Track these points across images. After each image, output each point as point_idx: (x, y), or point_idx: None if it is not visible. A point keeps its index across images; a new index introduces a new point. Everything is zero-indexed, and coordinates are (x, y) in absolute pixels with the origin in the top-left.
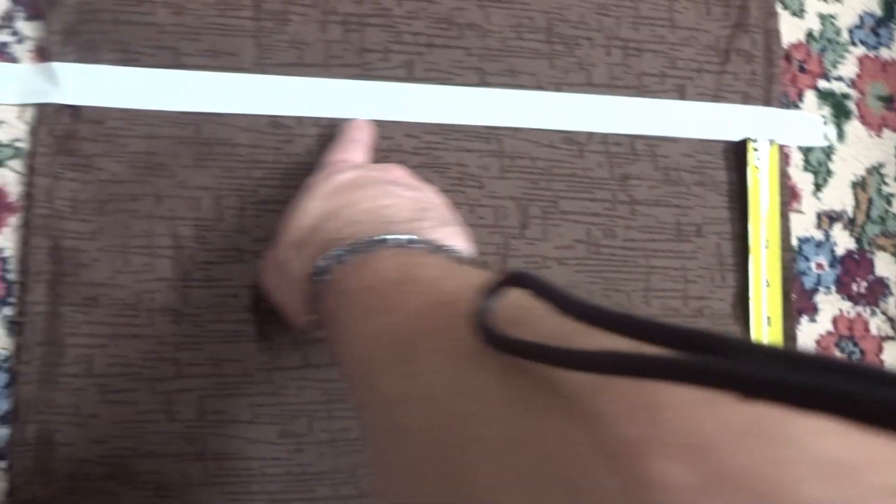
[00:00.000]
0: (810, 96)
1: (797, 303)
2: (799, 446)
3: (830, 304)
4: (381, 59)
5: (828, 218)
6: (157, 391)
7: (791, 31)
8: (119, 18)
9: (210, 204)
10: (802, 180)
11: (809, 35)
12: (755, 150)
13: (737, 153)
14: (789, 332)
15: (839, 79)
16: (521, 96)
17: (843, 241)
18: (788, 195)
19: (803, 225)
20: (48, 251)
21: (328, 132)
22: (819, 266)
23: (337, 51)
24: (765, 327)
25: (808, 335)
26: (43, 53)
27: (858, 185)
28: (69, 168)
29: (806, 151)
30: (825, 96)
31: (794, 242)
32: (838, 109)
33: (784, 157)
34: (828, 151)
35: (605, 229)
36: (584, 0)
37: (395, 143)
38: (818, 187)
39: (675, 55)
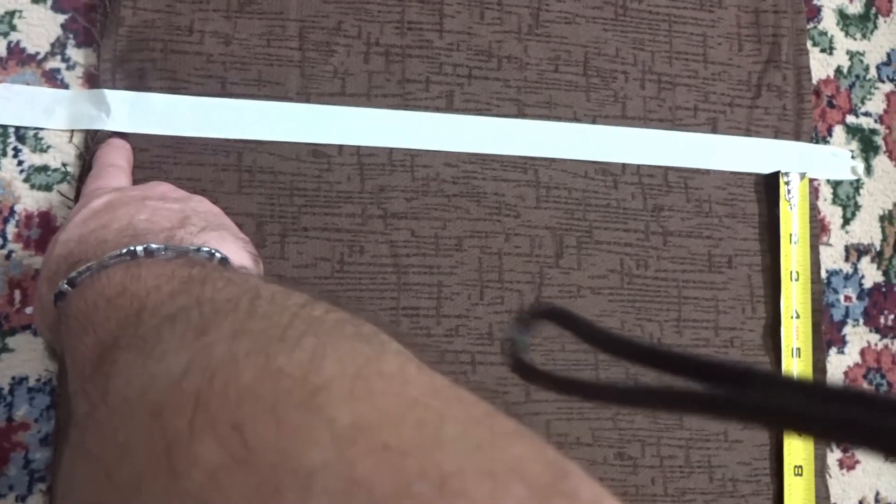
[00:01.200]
0: (839, 131)
1: (826, 334)
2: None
3: (858, 336)
4: (421, 89)
5: (856, 251)
6: None
7: (821, 67)
8: (169, 47)
9: (252, 230)
10: (831, 213)
11: (838, 71)
12: (786, 183)
13: (767, 186)
14: (819, 364)
15: (867, 114)
16: (557, 128)
17: (871, 273)
18: (818, 228)
19: (832, 258)
20: None
21: (368, 161)
22: (847, 298)
23: (379, 81)
24: (794, 358)
25: (837, 367)
26: (93, 80)
27: (886, 219)
28: None
29: (835, 185)
30: (853, 131)
31: (823, 275)
32: (866, 144)
33: (813, 191)
34: (856, 185)
35: (638, 259)
36: (620, 34)
37: (433, 171)
38: (847, 221)
39: (707, 89)
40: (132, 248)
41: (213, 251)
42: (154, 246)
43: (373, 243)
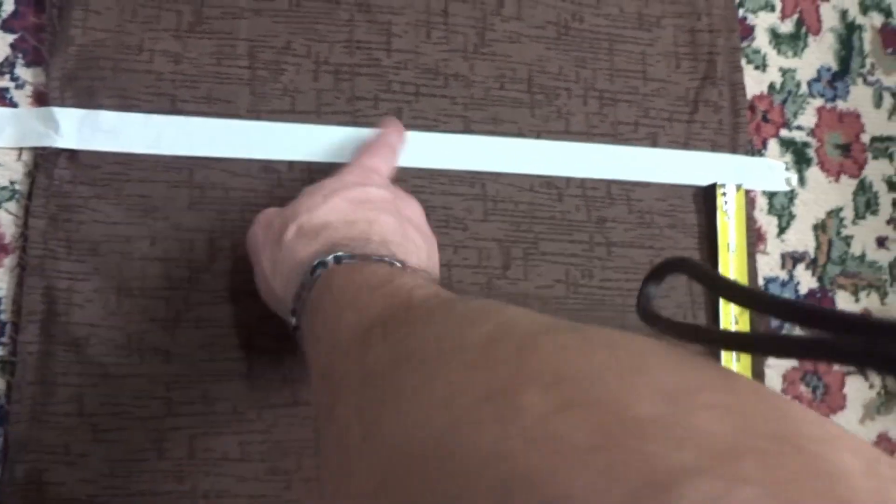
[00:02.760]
0: (773, 144)
1: None
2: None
3: None
4: (370, 106)
5: (791, 259)
6: (147, 430)
7: (755, 83)
8: (118, 66)
9: (203, 246)
10: (767, 223)
11: (771, 87)
12: (723, 194)
13: (706, 198)
14: (757, 368)
15: (799, 128)
16: (503, 143)
17: (806, 280)
18: (754, 237)
19: (769, 265)
20: (42, 291)
21: (319, 177)
22: None
23: (328, 99)
24: (734, 364)
25: (777, 370)
26: (42, 99)
27: (819, 228)
28: (64, 210)
29: (770, 196)
30: (787, 144)
31: (761, 282)
32: (799, 157)
33: (750, 202)
34: (790, 196)
35: (583, 269)
36: (563, 53)
37: None
38: (782, 230)
39: (647, 105)
40: (394, 260)
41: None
42: (410, 266)
43: None
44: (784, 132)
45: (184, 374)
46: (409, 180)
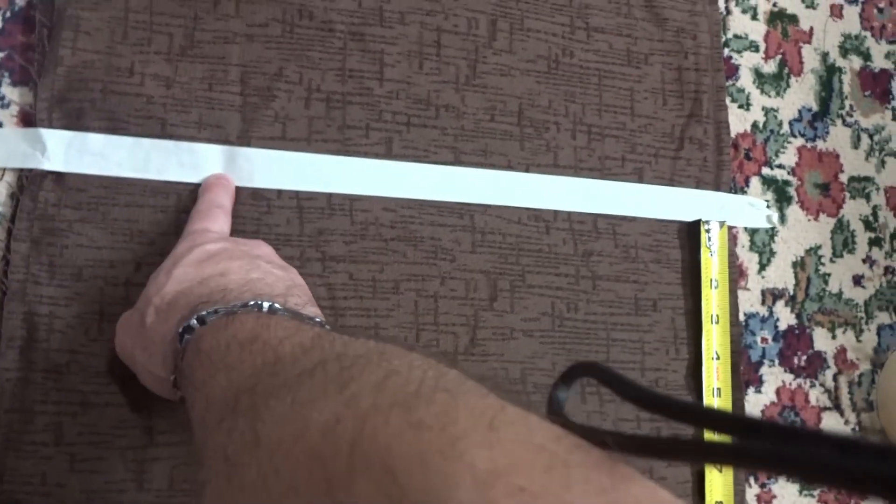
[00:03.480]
0: (755, 182)
1: (744, 374)
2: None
3: (774, 377)
4: (361, 135)
5: (771, 295)
6: (127, 460)
7: (738, 122)
8: (108, 88)
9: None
10: (749, 259)
11: (755, 126)
12: (706, 231)
13: (690, 233)
14: (738, 403)
15: (781, 167)
16: (492, 175)
17: (786, 316)
18: (736, 273)
19: (749, 301)
20: (22, 317)
21: (307, 204)
22: (764, 340)
23: (319, 126)
24: (715, 398)
25: (755, 405)
26: (28, 119)
27: (798, 265)
28: (48, 233)
29: (752, 233)
30: (768, 182)
31: (742, 317)
32: (780, 195)
33: (732, 238)
34: (771, 233)
35: (569, 302)
36: (553, 87)
37: (372, 216)
38: (763, 266)
39: (634, 141)
40: (259, 303)
41: (323, 322)
42: (277, 306)
43: (311, 286)
44: (766, 170)
45: (165, 402)
46: (398, 210)
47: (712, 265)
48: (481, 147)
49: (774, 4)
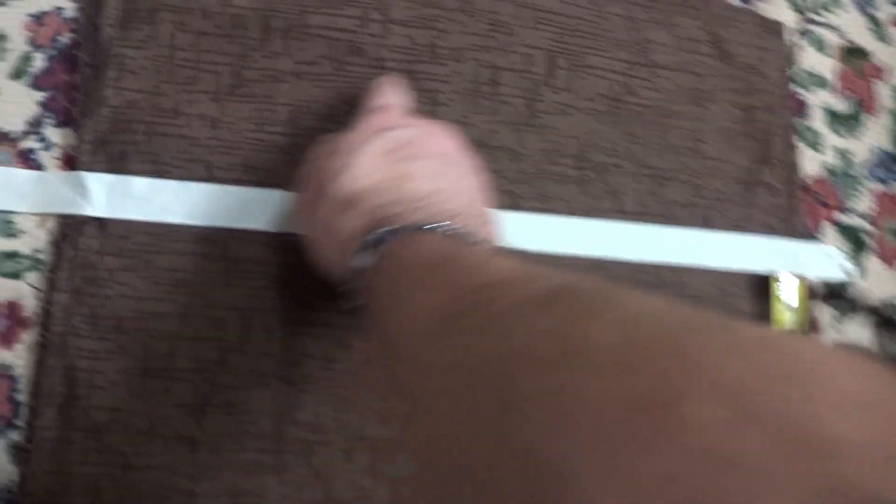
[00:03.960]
0: (828, 229)
1: None
2: (827, 385)
3: None
4: None
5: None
6: None
7: (810, 164)
8: (152, 129)
9: (235, 324)
10: (823, 312)
11: (827, 168)
12: (778, 281)
13: (761, 285)
14: None
15: (857, 213)
16: (551, 221)
17: None
18: (810, 326)
19: None
20: (62, 372)
21: None
22: None
23: None
24: None
25: None
26: (71, 161)
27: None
28: (90, 283)
29: (826, 283)
30: (844, 230)
31: None
32: (856, 243)
33: (805, 290)
34: (847, 284)
35: None
36: (614, 127)
37: None
38: (839, 320)
39: (701, 185)
40: (458, 227)
41: (493, 244)
42: (461, 228)
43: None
44: (840, 216)
45: (210, 465)
46: None
47: (785, 318)
48: (540, 191)
49: (846, 39)
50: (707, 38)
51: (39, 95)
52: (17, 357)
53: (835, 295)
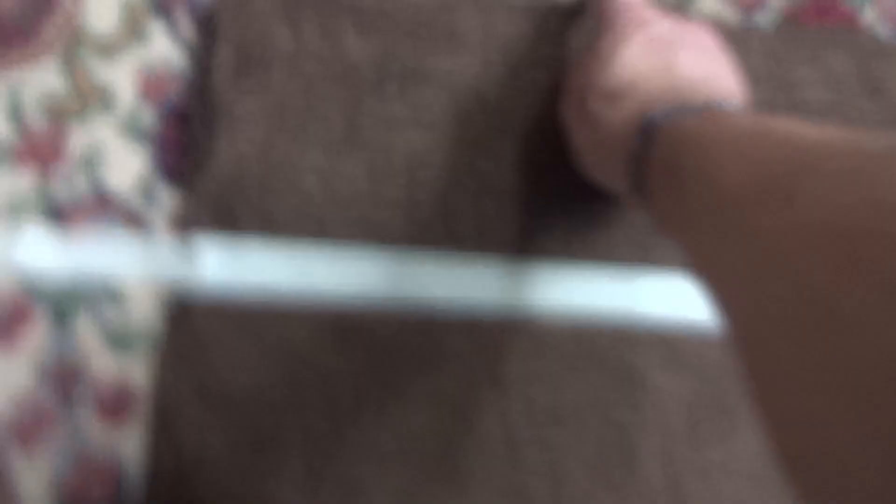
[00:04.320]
0: None
1: None
2: None
3: None
4: (529, 241)
5: None
6: None
7: None
8: (264, 185)
9: (349, 396)
10: None
11: None
12: None
13: None
14: None
15: None
16: None
17: None
18: None
19: None
20: (169, 446)
21: (480, 323)
22: None
23: (491, 224)
24: None
25: None
26: (180, 221)
27: None
28: (198, 351)
29: None
30: None
31: None
32: None
33: None
34: None
35: None
36: None
37: None
38: None
39: None
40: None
41: None
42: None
43: None
44: None
45: None
46: None
47: None
48: None
49: None
50: (855, 72)
51: (149, 152)
52: (125, 436)
53: None
